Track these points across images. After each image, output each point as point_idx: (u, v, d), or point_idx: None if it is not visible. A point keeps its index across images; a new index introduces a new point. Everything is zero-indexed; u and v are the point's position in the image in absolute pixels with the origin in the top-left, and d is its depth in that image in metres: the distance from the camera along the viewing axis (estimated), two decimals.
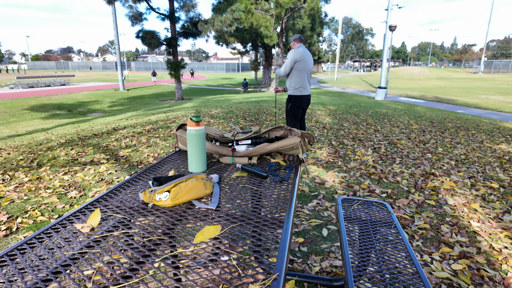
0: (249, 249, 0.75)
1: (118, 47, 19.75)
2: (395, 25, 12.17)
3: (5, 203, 2.78)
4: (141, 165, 3.73)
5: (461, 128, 6.37)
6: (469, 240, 2.21)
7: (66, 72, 50.46)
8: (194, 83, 29.02)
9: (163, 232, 0.80)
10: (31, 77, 23.16)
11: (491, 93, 15.57)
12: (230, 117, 6.71)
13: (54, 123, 9.52)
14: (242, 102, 10.10)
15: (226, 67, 60.59)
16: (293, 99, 3.87)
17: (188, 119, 1.17)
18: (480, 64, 40.85)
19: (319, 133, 5.41)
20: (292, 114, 3.95)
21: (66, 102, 15.47)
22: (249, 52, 26.39)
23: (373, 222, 1.56)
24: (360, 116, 7.28)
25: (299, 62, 3.70)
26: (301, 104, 3.89)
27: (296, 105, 3.88)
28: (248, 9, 14.81)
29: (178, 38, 13.99)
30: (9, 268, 0.66)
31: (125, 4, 13.17)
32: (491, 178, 3.47)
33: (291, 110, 3.92)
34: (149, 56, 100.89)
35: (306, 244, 2.13)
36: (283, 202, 0.98)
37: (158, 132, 5.52)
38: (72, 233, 0.81)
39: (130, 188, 1.11)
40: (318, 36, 28.46)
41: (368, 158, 4.07)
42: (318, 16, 16.89)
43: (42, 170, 3.66)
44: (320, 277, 1.72)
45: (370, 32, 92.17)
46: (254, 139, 1.45)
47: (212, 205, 0.95)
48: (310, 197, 2.90)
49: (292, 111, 3.93)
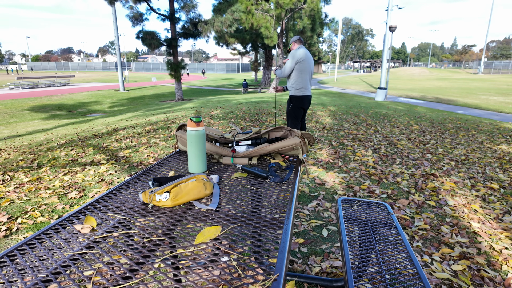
0: (249, 249, 0.75)
1: (118, 48, 19.77)
2: (395, 25, 12.18)
3: (5, 204, 2.78)
4: (141, 166, 3.72)
5: (461, 128, 6.37)
6: (469, 240, 2.21)
7: (66, 72, 50.50)
8: (194, 84, 29.04)
9: (163, 233, 0.80)
10: (31, 78, 23.19)
11: (491, 93, 15.57)
12: (230, 118, 6.71)
13: (54, 123, 9.52)
14: (242, 102, 10.10)
15: (226, 67, 60.63)
16: (294, 99, 3.87)
17: (188, 120, 1.17)
18: (480, 64, 40.86)
19: (319, 134, 5.41)
20: (293, 115, 3.95)
21: (66, 102, 15.47)
22: (249, 52, 26.41)
23: (373, 223, 1.56)
24: (360, 117, 7.28)
25: (301, 63, 3.70)
26: (303, 104, 3.89)
27: (297, 105, 3.89)
28: (248, 10, 14.83)
29: (178, 39, 14.01)
30: (9, 269, 0.66)
31: (126, 4, 13.19)
32: (491, 178, 3.47)
33: (293, 110, 3.92)
34: (149, 56, 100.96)
35: (306, 245, 2.13)
36: (283, 202, 0.98)
37: (158, 132, 5.52)
38: (72, 234, 0.81)
39: (130, 188, 1.11)
40: (318, 36, 28.47)
41: (368, 158, 4.07)
42: (318, 16, 16.90)
43: (42, 171, 3.66)
44: (320, 278, 1.72)
45: (370, 33, 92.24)
46: (254, 140, 1.45)
47: (212, 206, 0.95)
48: (310, 197, 2.90)
49: (294, 112, 3.93)
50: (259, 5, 15.46)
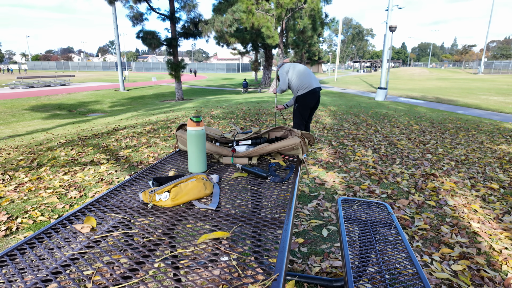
0: (249, 249, 0.75)
1: (118, 47, 19.76)
2: (395, 25, 12.18)
3: (5, 203, 2.78)
4: (141, 165, 3.73)
5: (461, 128, 6.37)
6: (469, 240, 2.21)
7: (66, 72, 50.51)
8: (194, 84, 29.03)
9: (163, 233, 0.80)
10: (31, 77, 23.19)
11: (491, 93, 15.57)
12: (230, 118, 6.71)
13: (54, 123, 9.52)
14: (242, 102, 10.10)
15: (226, 67, 60.61)
16: (298, 99, 3.81)
17: (188, 120, 1.17)
18: (480, 64, 40.83)
19: (319, 134, 5.41)
20: (298, 115, 3.88)
21: (66, 102, 15.47)
22: (249, 52, 26.41)
23: (373, 223, 1.56)
24: (360, 117, 7.28)
25: (290, 71, 3.79)
26: (307, 101, 3.76)
27: (301, 105, 3.81)
28: (249, 10, 14.82)
29: (179, 39, 14.00)
30: (9, 268, 0.66)
31: (126, 4, 13.18)
32: (491, 178, 3.47)
33: (298, 110, 3.86)
34: (149, 56, 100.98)
35: (306, 245, 2.13)
36: (283, 202, 0.98)
37: (158, 132, 5.52)
38: (72, 233, 0.81)
39: (130, 188, 1.11)
40: (318, 36, 28.42)
41: (368, 158, 4.07)
42: (319, 16, 16.91)
43: (42, 170, 3.66)
44: (320, 278, 1.72)
45: (370, 33, 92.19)
46: (254, 140, 1.45)
47: (212, 206, 0.95)
48: (310, 197, 2.90)
49: (299, 111, 3.86)
50: (260, 5, 15.46)
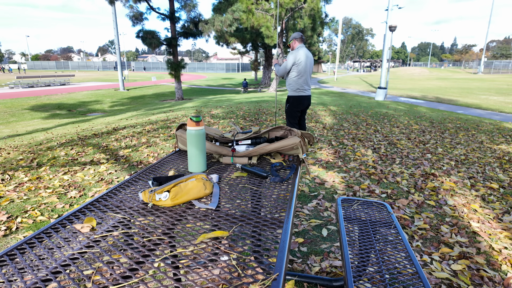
0: (249, 249, 0.75)
1: (118, 47, 19.75)
2: (395, 25, 12.17)
3: (4, 203, 2.78)
4: (141, 165, 3.72)
5: (461, 128, 6.37)
6: (469, 240, 2.21)
7: (66, 72, 50.48)
8: (194, 83, 29.01)
9: (162, 232, 0.80)
10: (31, 77, 23.17)
11: (491, 93, 15.57)
12: (230, 117, 6.71)
13: (54, 123, 9.52)
14: (242, 102, 10.10)
15: (226, 67, 60.58)
16: (291, 99, 3.88)
17: (188, 119, 1.17)
18: (480, 64, 40.81)
19: (319, 133, 5.41)
20: (290, 114, 3.96)
21: (66, 102, 15.47)
22: (249, 52, 26.38)
23: (373, 223, 1.56)
24: (360, 117, 7.28)
25: (299, 65, 3.71)
26: (299, 105, 3.89)
27: (294, 105, 3.89)
28: (249, 9, 14.82)
29: (178, 38, 13.99)
30: (8, 268, 0.66)
31: (126, 4, 13.17)
32: (491, 178, 3.47)
33: (289, 110, 3.94)
34: (149, 56, 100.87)
35: (306, 244, 2.13)
36: (283, 202, 0.98)
37: (158, 132, 5.52)
38: (72, 233, 0.81)
39: (130, 188, 1.11)
40: (318, 36, 28.43)
41: (368, 158, 4.07)
42: (319, 16, 16.89)
43: (42, 170, 3.66)
44: (320, 277, 1.72)
45: (370, 33, 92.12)
46: (254, 139, 1.45)
47: (212, 205, 0.95)
48: (310, 197, 2.90)
49: (290, 111, 3.94)
50: (260, 5, 15.45)
